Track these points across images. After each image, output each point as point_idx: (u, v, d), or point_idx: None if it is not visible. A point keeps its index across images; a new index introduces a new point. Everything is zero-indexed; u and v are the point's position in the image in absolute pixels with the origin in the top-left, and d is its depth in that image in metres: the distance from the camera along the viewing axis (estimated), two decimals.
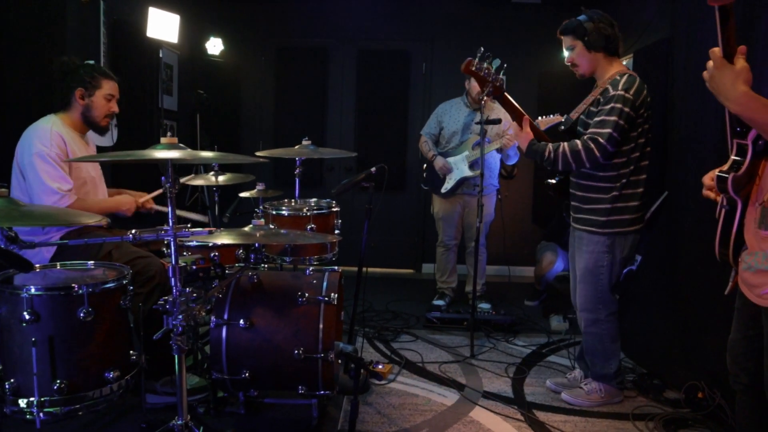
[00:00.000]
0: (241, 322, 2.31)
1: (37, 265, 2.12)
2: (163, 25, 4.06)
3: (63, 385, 1.83)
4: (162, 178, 1.78)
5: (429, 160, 4.28)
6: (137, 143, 3.64)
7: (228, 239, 2.12)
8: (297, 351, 2.29)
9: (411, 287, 5.16)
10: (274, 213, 2.94)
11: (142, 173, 3.39)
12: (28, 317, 1.80)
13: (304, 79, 5.69)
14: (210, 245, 2.56)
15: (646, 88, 2.57)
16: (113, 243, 2.53)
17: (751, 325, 1.74)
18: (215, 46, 5.20)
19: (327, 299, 2.37)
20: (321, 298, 2.37)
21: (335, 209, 3.04)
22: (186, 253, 2.56)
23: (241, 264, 2.67)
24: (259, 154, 2.69)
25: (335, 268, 2.63)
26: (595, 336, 2.81)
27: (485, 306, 4.23)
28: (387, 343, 3.64)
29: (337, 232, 3.02)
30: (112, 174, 3.76)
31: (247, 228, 2.17)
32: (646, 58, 3.79)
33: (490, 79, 2.74)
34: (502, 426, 2.60)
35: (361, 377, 2.48)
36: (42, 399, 1.82)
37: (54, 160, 2.48)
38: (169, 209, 1.81)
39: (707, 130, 2.82)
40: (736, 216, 1.72)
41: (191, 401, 2.56)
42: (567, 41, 2.68)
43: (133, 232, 1.80)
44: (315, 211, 2.92)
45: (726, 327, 1.87)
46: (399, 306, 4.48)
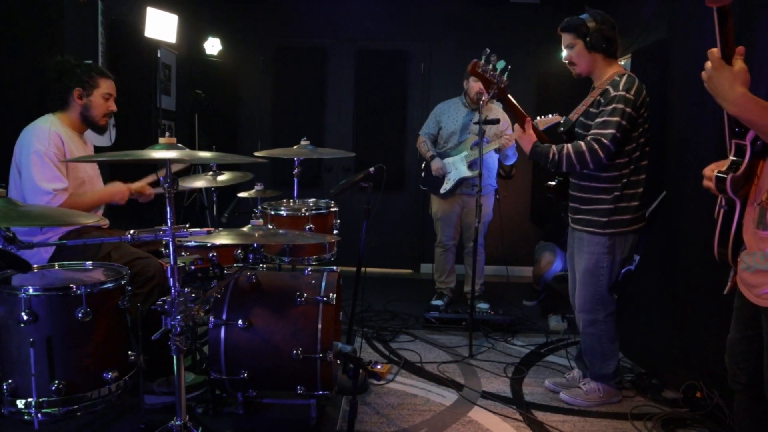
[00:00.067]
0: (240, 322, 2.31)
1: (36, 266, 2.11)
2: (162, 25, 4.06)
3: (61, 386, 1.83)
4: (161, 178, 1.77)
5: (427, 160, 4.28)
6: (135, 143, 3.64)
7: (226, 239, 2.12)
8: (295, 351, 2.29)
9: (409, 287, 5.16)
10: (272, 213, 2.93)
11: (140, 173, 3.38)
12: (26, 318, 1.80)
13: (302, 79, 5.69)
14: (208, 245, 2.56)
15: (644, 88, 2.57)
16: (112, 244, 2.52)
17: (750, 325, 1.74)
18: (213, 46, 5.19)
19: (325, 299, 2.37)
20: (319, 298, 2.37)
21: (334, 209, 3.04)
22: (184, 254, 2.55)
23: (240, 264, 2.66)
24: (258, 154, 2.69)
25: (334, 268, 2.64)
26: (594, 336, 2.81)
27: (484, 306, 4.22)
28: (385, 343, 3.64)
29: (336, 232, 3.02)
30: (110, 174, 3.74)
31: (246, 228, 2.16)
32: (644, 58, 3.79)
33: (495, 81, 2.74)
34: (500, 426, 2.60)
35: (360, 377, 2.48)
36: (40, 400, 1.82)
37: (51, 159, 2.48)
38: (168, 210, 1.80)
39: (705, 130, 2.82)
40: (734, 216, 1.72)
41: (189, 401, 2.55)
42: (567, 39, 2.65)
43: (132, 232, 1.80)
44: (313, 212, 2.91)
45: (725, 327, 1.87)
46: (397, 306, 4.48)
